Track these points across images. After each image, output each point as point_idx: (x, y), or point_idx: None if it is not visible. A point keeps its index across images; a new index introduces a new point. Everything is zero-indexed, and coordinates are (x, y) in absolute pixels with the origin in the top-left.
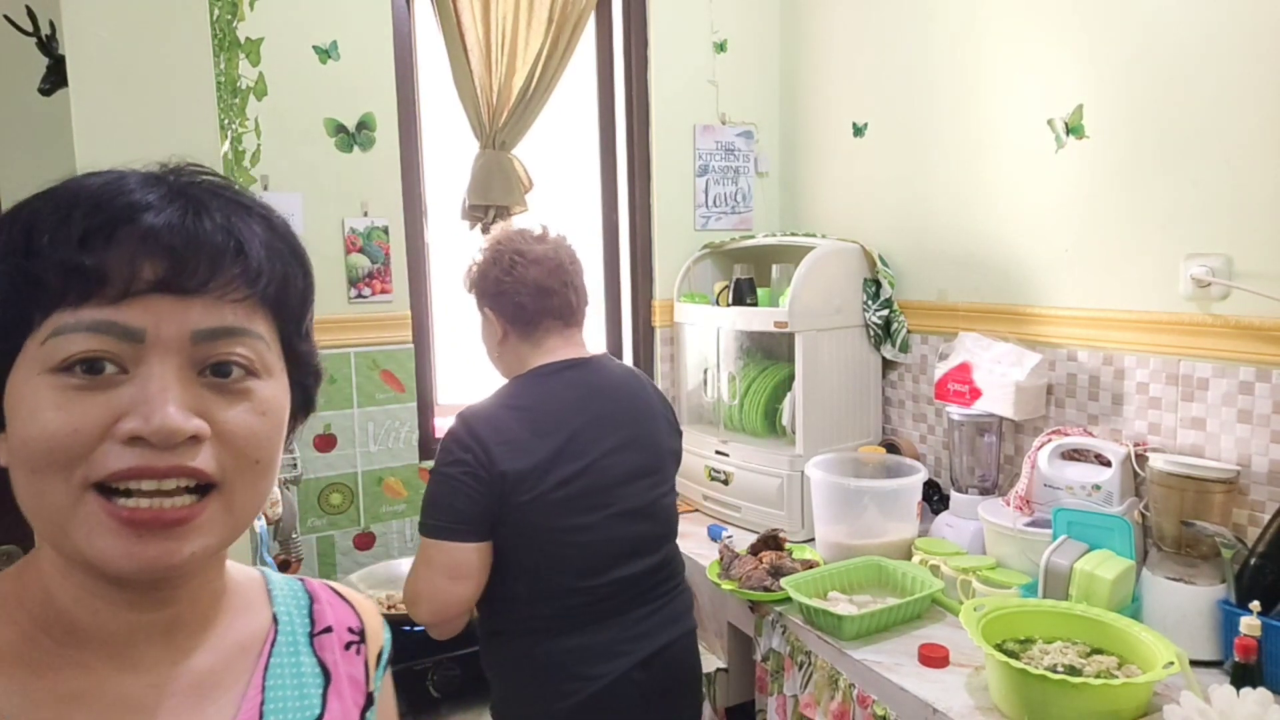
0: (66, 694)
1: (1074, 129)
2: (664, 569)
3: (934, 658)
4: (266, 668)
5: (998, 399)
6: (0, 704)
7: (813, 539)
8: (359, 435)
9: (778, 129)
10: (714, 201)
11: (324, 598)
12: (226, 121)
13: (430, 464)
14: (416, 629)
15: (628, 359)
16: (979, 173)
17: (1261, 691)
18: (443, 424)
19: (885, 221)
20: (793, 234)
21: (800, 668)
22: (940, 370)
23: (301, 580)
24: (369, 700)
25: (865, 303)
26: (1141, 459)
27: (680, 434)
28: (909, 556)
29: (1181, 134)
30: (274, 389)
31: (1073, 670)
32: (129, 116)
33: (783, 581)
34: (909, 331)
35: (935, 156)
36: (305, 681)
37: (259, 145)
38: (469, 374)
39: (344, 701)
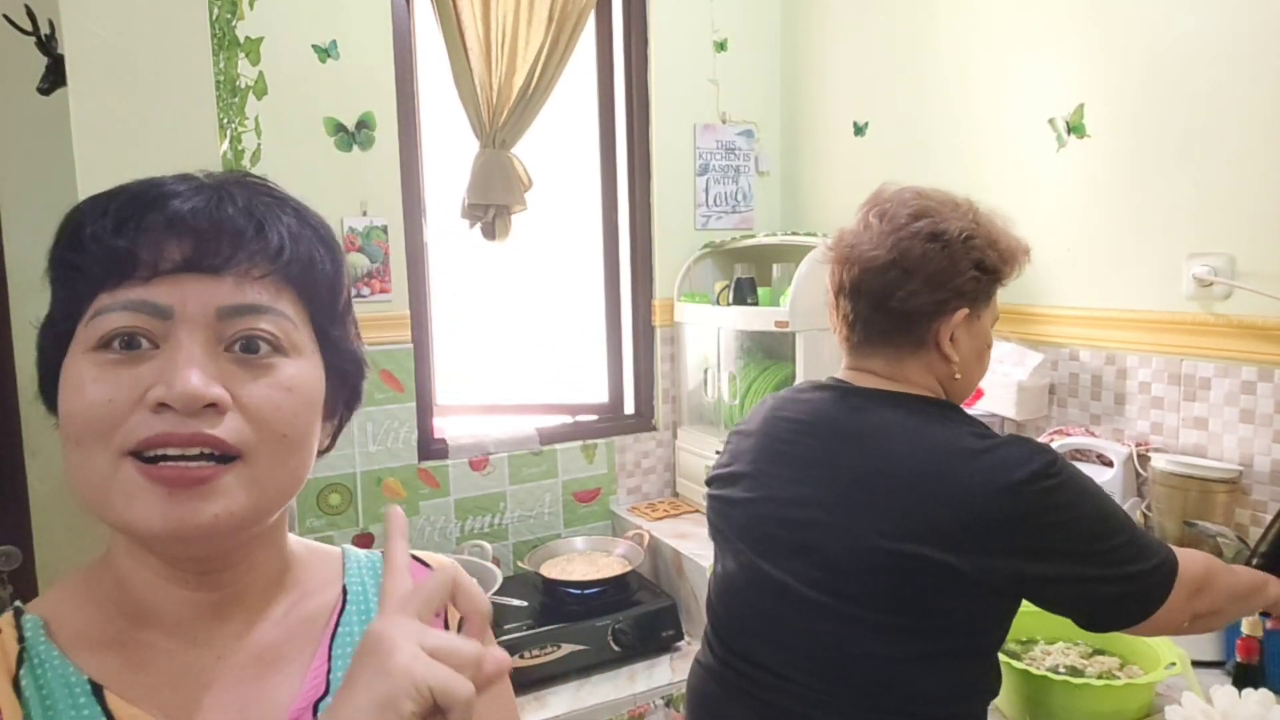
0: (139, 665)
1: (1075, 128)
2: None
3: None
4: (334, 637)
5: (1000, 399)
6: (95, 673)
7: None
8: (358, 435)
9: (778, 128)
10: (714, 201)
11: None
12: (226, 120)
13: (430, 464)
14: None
15: (628, 359)
16: (980, 172)
17: (1263, 692)
18: (442, 424)
19: None
20: (794, 233)
21: None
22: None
23: (383, 553)
24: None
25: None
26: (1144, 459)
27: (981, 547)
28: None
29: (1183, 133)
30: (301, 367)
31: (1075, 671)
32: (128, 116)
33: None
34: None
35: (936, 155)
36: None
37: (259, 144)
38: (468, 374)
39: None
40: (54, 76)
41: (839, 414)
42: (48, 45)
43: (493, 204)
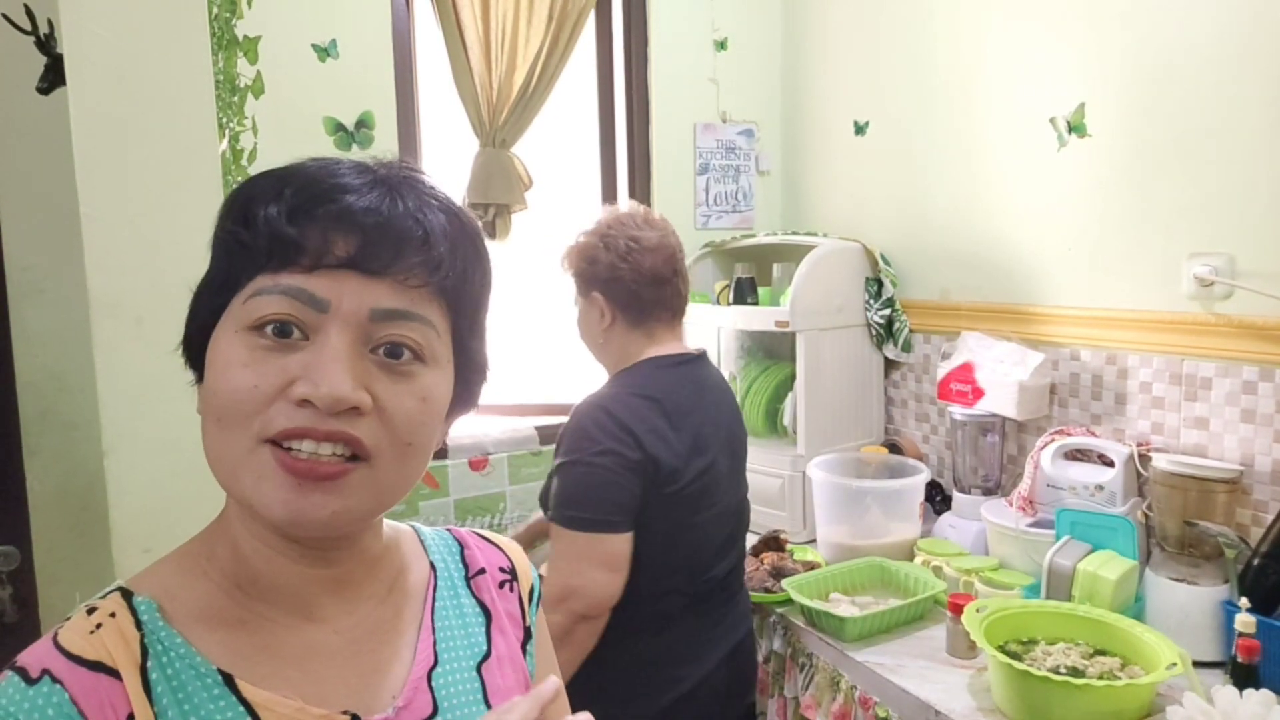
0: (262, 645)
1: (1076, 128)
2: (739, 567)
3: None
4: (433, 610)
5: (1000, 399)
6: (219, 656)
7: (814, 540)
8: None
9: (779, 127)
10: (714, 200)
11: (472, 543)
12: (224, 120)
13: (429, 464)
14: None
15: None
16: (981, 171)
17: (1264, 692)
18: None
19: (887, 220)
20: (794, 233)
21: (801, 669)
22: (943, 370)
23: (449, 530)
24: (527, 634)
25: (867, 302)
26: (1144, 459)
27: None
28: (911, 557)
29: (1184, 132)
30: (438, 378)
31: (1075, 671)
32: (127, 115)
33: (784, 583)
34: (911, 331)
35: (937, 155)
36: (469, 621)
37: (256, 144)
38: None
39: (506, 637)
40: (53, 76)
41: (704, 375)
42: (47, 44)
43: (493, 203)
